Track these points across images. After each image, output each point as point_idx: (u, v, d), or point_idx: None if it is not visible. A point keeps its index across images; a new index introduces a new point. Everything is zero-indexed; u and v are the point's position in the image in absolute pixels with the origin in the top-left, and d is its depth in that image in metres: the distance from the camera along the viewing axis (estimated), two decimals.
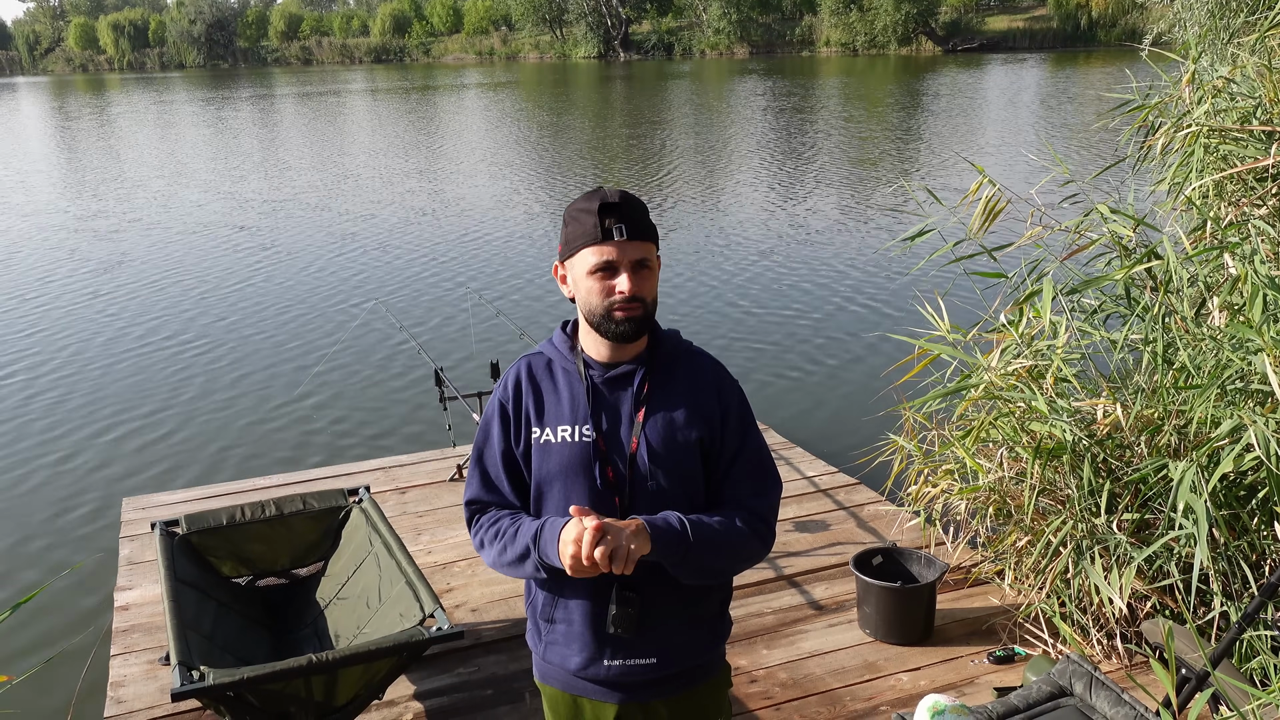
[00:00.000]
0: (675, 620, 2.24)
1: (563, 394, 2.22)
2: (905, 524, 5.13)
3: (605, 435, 2.18)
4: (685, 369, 2.24)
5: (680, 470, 2.19)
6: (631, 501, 2.18)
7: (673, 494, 2.19)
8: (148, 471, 7.20)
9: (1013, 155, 19.42)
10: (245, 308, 11.32)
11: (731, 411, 2.25)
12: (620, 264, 2.09)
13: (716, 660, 2.38)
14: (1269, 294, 3.56)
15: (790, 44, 68.89)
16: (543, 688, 2.40)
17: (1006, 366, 4.12)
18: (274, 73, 71.33)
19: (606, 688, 2.28)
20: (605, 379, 2.20)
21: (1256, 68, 4.42)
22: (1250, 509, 3.72)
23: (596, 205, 2.09)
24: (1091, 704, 3.18)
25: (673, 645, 2.25)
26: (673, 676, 2.28)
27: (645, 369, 2.20)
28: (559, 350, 2.26)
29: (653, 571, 2.14)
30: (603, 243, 2.08)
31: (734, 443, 2.24)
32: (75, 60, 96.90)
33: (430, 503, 5.61)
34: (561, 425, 2.19)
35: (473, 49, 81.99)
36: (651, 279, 2.14)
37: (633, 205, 2.12)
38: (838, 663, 4.07)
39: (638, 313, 2.11)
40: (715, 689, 2.39)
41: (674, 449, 2.18)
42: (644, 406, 2.18)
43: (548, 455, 2.20)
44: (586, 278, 2.11)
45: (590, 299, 2.12)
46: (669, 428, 2.18)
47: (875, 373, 8.25)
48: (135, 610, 4.57)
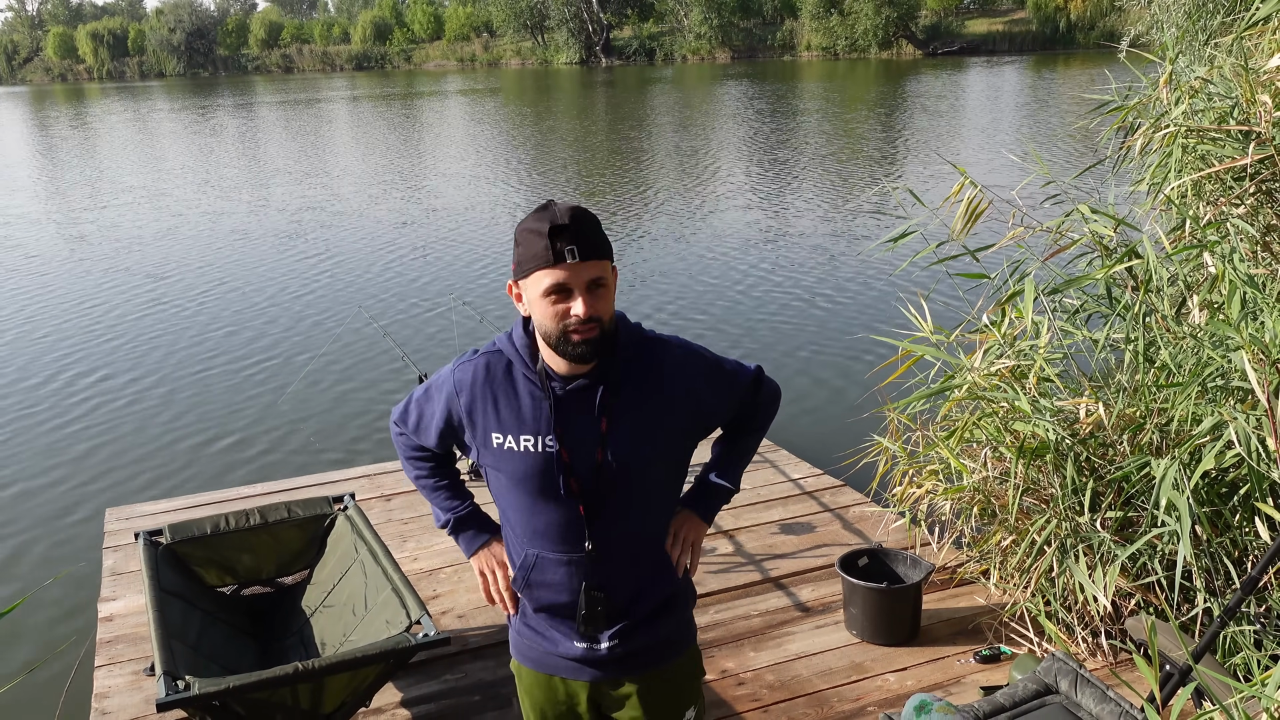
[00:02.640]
0: (639, 608, 2.28)
1: (524, 402, 2.18)
2: (890, 525, 5.14)
3: (569, 447, 2.16)
4: (645, 365, 2.20)
5: (649, 472, 2.21)
6: (598, 510, 2.19)
7: (639, 500, 2.22)
8: (131, 481, 7.16)
9: (994, 157, 19.52)
10: (228, 315, 11.27)
11: (701, 384, 2.26)
12: (574, 285, 2.04)
13: (682, 637, 2.41)
14: (1247, 292, 3.59)
15: (771, 48, 69.06)
16: (517, 668, 2.43)
17: (989, 367, 4.14)
18: (255, 81, 71.13)
19: (578, 664, 2.31)
20: (567, 390, 2.15)
21: (1233, 68, 4.46)
22: (1232, 505, 3.75)
23: (546, 227, 2.02)
24: (1077, 701, 3.20)
25: (635, 629, 2.29)
26: (637, 652, 2.30)
27: (606, 379, 2.16)
28: (520, 356, 2.19)
29: (620, 568, 2.24)
30: (555, 266, 2.02)
31: (719, 398, 2.33)
32: (54, 70, 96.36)
33: (415, 509, 5.59)
34: (524, 434, 2.17)
35: (454, 55, 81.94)
36: (608, 296, 2.09)
37: (584, 224, 2.05)
38: (825, 664, 4.08)
39: (594, 334, 2.06)
40: (684, 668, 2.41)
41: (639, 455, 2.18)
42: (605, 416, 2.15)
43: (508, 462, 2.19)
44: (540, 299, 2.06)
45: (545, 322, 2.07)
46: (636, 432, 2.17)
47: (859, 374, 8.28)
48: (120, 621, 4.54)
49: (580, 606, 2.22)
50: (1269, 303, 3.59)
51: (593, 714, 2.37)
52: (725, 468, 2.47)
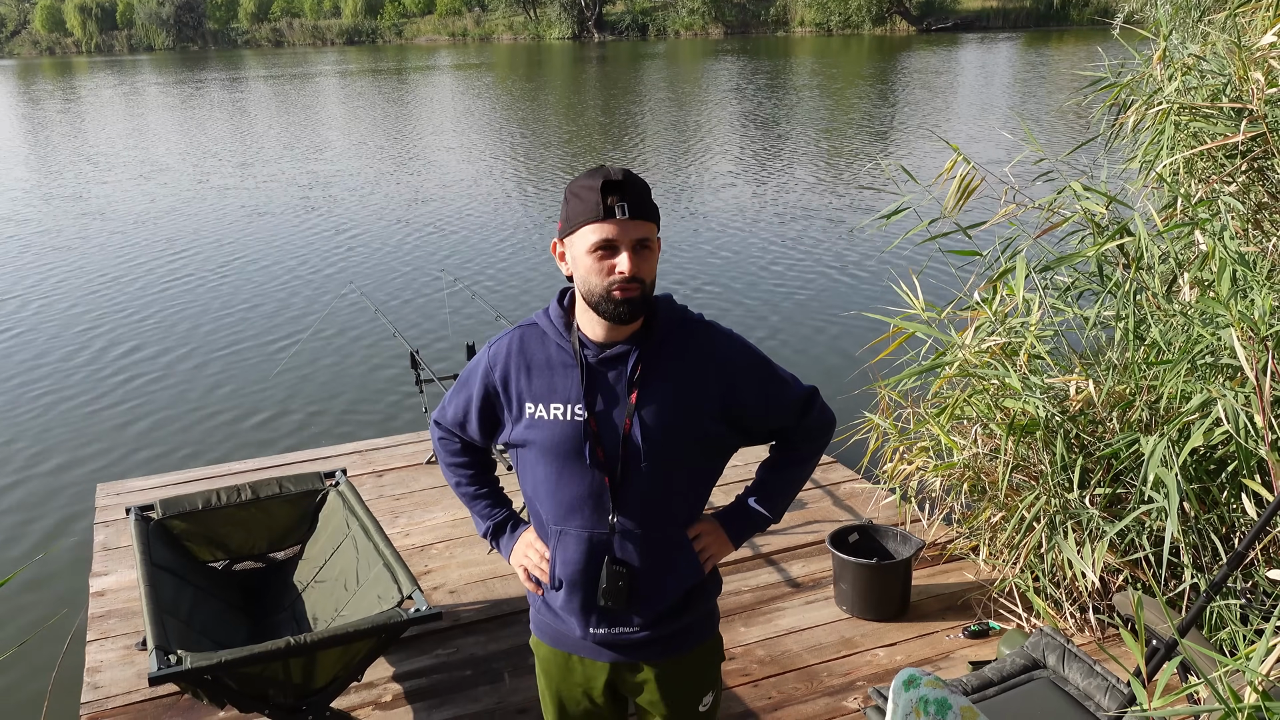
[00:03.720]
0: (661, 592, 2.26)
1: (556, 371, 2.19)
2: (881, 501, 5.16)
3: (598, 416, 2.16)
4: (682, 344, 2.20)
5: (676, 450, 2.18)
6: (623, 481, 2.18)
7: (666, 474, 2.19)
8: (122, 457, 7.16)
9: (987, 134, 19.49)
10: (220, 292, 11.24)
11: (740, 375, 2.23)
12: (621, 243, 2.05)
13: (705, 625, 2.39)
14: (1238, 269, 3.60)
15: (764, 24, 68.67)
16: (537, 645, 2.43)
17: (980, 344, 4.15)
18: (245, 55, 70.56)
19: (598, 646, 2.30)
20: (599, 358, 2.16)
21: (1226, 45, 4.45)
22: (1220, 482, 3.77)
23: (599, 183, 2.04)
24: (1064, 676, 3.23)
25: (658, 611, 2.27)
26: (659, 639, 2.29)
27: (640, 349, 2.16)
28: (554, 325, 2.22)
29: (644, 546, 2.22)
30: (604, 220, 2.04)
31: (758, 398, 2.25)
32: (42, 43, 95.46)
33: (407, 485, 5.60)
34: (555, 403, 2.18)
35: (445, 30, 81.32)
36: (651, 260, 2.11)
37: (636, 184, 2.08)
38: (815, 639, 4.10)
39: (635, 294, 2.07)
40: (705, 656, 2.39)
41: (670, 430, 2.16)
42: (638, 388, 2.16)
43: (539, 430, 2.19)
44: (586, 256, 2.07)
45: (589, 278, 2.08)
46: (664, 408, 2.16)
47: (850, 351, 8.29)
48: (111, 596, 4.55)
49: (602, 580, 2.21)
50: (1259, 280, 3.60)
51: (608, 695, 2.37)
52: (766, 496, 2.39)
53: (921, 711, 2.57)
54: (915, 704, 2.59)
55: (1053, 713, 3.08)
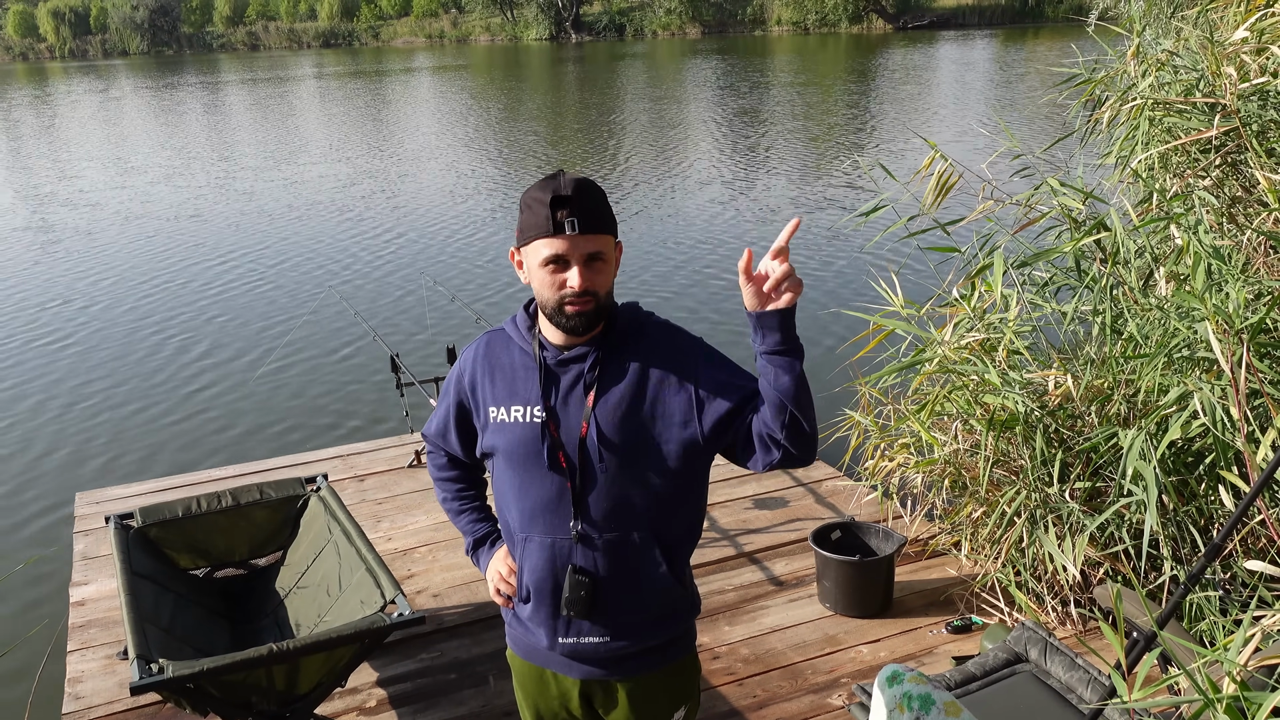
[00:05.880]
0: (626, 602, 2.23)
1: (518, 373, 2.20)
2: (863, 498, 5.18)
3: (555, 418, 2.16)
4: (640, 345, 2.18)
5: (635, 452, 2.15)
6: (584, 486, 2.16)
7: (628, 478, 2.16)
8: (101, 466, 7.11)
9: (964, 130, 19.57)
10: (197, 298, 11.17)
11: (700, 367, 2.16)
12: (571, 257, 2.04)
13: (677, 645, 2.34)
14: (1212, 263, 3.63)
15: (742, 23, 68.74)
16: (512, 659, 2.43)
17: (960, 340, 4.17)
18: (220, 59, 70.16)
19: (568, 660, 2.28)
20: (558, 360, 2.17)
21: (1199, 41, 4.49)
22: (1198, 474, 3.80)
23: (549, 197, 2.02)
24: (1046, 669, 3.25)
25: (623, 626, 2.24)
26: (627, 656, 2.26)
27: (598, 352, 2.15)
28: (519, 329, 2.24)
29: (608, 553, 2.18)
30: (554, 236, 2.03)
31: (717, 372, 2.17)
32: (15, 49, 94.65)
33: (389, 489, 5.58)
34: (515, 405, 2.18)
35: (422, 32, 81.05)
36: (606, 270, 2.09)
37: (587, 196, 2.04)
38: (799, 637, 4.11)
39: (589, 307, 2.07)
40: (676, 675, 2.35)
41: (627, 432, 2.14)
42: (593, 390, 2.15)
43: (501, 433, 2.20)
44: (539, 269, 2.07)
45: (542, 290, 2.09)
46: (621, 410, 2.14)
47: (831, 349, 8.30)
48: (91, 605, 4.52)
49: (564, 589, 2.19)
50: (1233, 274, 3.63)
51: (585, 709, 2.34)
52: None
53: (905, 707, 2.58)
54: (899, 700, 2.59)
55: (1035, 706, 3.10)
